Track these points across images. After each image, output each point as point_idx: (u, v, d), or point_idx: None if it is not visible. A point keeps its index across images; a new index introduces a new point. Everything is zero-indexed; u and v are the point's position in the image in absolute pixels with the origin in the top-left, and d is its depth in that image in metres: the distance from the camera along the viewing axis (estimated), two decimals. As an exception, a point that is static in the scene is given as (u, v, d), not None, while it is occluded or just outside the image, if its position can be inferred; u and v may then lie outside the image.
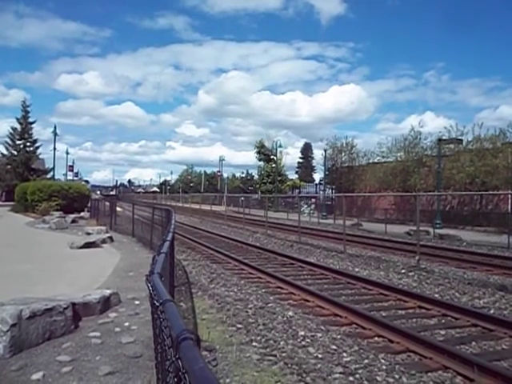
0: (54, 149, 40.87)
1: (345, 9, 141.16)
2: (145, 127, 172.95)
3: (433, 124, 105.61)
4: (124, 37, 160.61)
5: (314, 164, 69.70)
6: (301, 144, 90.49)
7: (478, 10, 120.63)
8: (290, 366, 4.34)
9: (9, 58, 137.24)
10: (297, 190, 49.59)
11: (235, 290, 7.95)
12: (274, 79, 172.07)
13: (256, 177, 62.28)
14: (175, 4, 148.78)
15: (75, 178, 62.79)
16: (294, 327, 5.64)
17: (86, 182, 73.15)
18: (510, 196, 22.21)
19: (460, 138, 27.12)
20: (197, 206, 38.00)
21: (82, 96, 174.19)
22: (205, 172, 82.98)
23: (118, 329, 4.90)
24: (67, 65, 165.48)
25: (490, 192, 22.66)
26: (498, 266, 10.76)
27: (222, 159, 71.37)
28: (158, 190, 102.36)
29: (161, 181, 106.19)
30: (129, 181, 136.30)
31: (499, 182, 23.38)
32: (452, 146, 27.08)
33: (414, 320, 6.23)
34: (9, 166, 40.50)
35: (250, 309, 6.55)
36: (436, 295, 7.77)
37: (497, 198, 24.50)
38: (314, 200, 37.47)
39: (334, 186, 39.48)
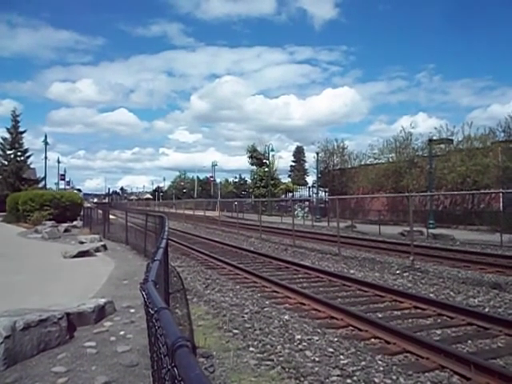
0: (46, 158, 40.65)
1: (337, 13, 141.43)
2: (138, 134, 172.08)
3: (425, 125, 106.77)
4: (117, 45, 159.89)
5: (306, 167, 69.99)
6: (294, 147, 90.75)
7: (469, 10, 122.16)
8: (287, 370, 4.33)
9: (1, 67, 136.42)
10: (290, 194, 49.72)
11: (231, 295, 7.92)
12: (267, 83, 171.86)
13: (249, 181, 62.30)
14: (168, 11, 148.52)
15: (67, 187, 62.32)
16: (290, 331, 5.62)
17: (78, 190, 72.61)
18: (501, 194, 22.43)
19: (450, 138, 27.41)
20: (190, 212, 37.79)
21: (75, 104, 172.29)
22: (198, 177, 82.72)
23: (113, 338, 4.86)
24: (60, 73, 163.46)
25: (482, 191, 22.88)
26: (491, 264, 10.84)
27: (214, 164, 71.33)
28: (151, 196, 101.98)
29: (154, 187, 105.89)
30: (121, 188, 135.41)
31: (490, 180, 23.62)
32: (443, 146, 27.34)
33: (410, 320, 6.25)
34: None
35: (246, 314, 6.53)
36: (431, 295, 7.80)
37: (488, 196, 24.73)
38: (307, 203, 37.58)
39: (326, 189, 39.65)
